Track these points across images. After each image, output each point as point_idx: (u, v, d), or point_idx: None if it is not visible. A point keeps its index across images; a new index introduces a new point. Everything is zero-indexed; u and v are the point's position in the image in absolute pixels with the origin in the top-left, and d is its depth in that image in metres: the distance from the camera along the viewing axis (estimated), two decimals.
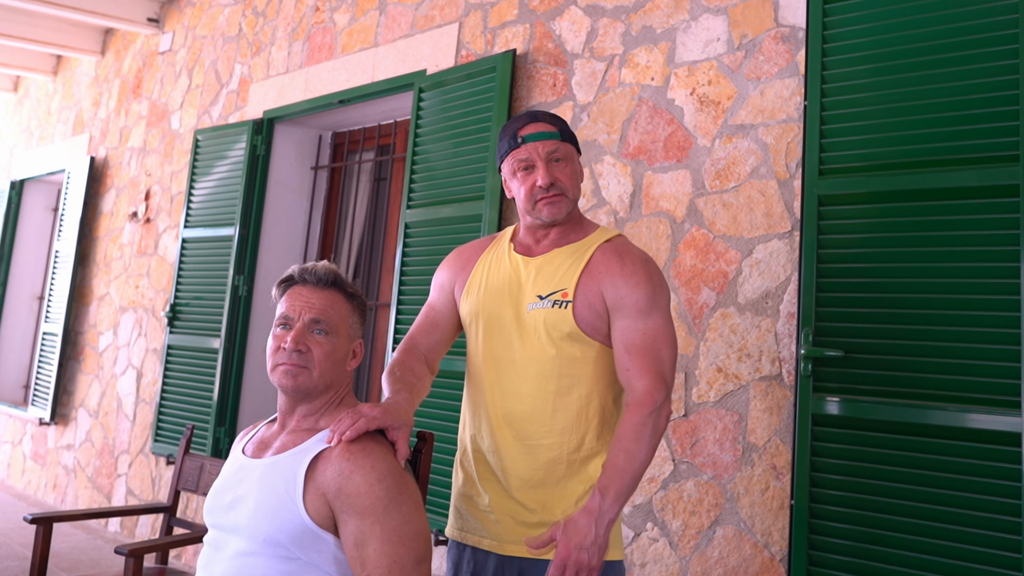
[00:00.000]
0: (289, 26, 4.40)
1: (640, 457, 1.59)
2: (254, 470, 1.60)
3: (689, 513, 2.44)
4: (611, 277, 1.71)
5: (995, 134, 1.98)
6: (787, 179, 2.39)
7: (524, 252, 1.82)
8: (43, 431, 5.83)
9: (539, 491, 1.71)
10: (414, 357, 1.85)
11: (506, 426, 1.74)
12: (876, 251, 2.12)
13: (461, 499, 1.82)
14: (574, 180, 1.79)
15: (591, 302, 1.71)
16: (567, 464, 1.71)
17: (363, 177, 4.32)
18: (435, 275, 1.97)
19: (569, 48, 3.00)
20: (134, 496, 4.77)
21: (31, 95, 7.16)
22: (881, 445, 2.04)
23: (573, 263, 1.75)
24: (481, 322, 1.81)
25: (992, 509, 1.87)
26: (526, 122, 1.78)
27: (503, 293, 1.78)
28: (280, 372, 1.60)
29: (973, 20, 2.04)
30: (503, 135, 1.81)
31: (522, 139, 1.75)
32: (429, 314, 1.93)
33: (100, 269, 5.53)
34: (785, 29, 2.45)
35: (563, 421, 1.71)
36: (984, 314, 1.95)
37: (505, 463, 1.74)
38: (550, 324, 1.71)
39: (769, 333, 2.36)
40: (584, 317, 1.70)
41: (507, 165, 1.80)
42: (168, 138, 5.14)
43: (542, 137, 1.75)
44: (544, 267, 1.77)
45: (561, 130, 1.78)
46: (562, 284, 1.73)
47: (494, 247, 1.89)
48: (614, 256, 1.74)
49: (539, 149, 1.74)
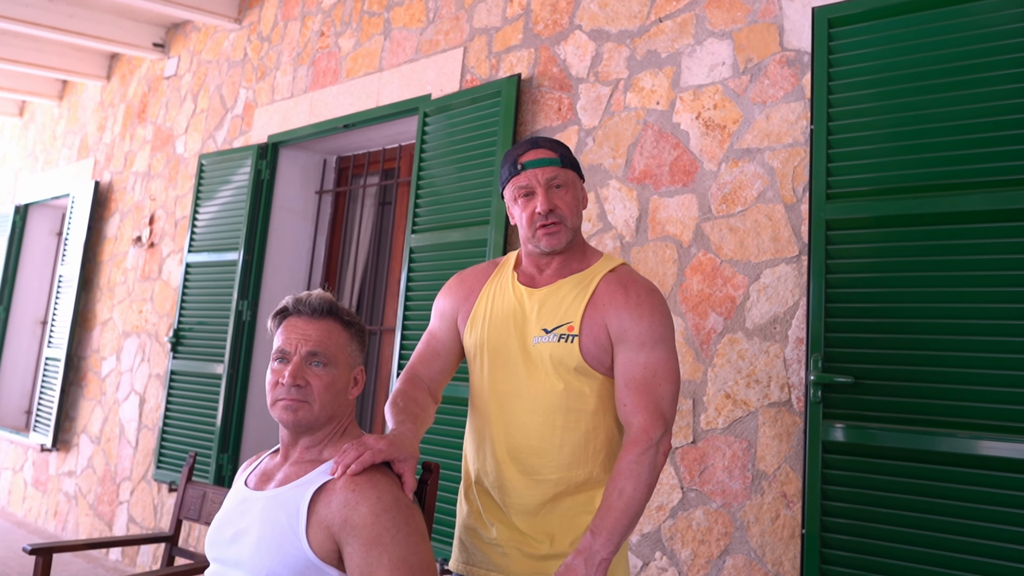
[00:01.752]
0: (294, 51, 4.41)
1: (634, 496, 1.57)
2: (256, 502, 1.57)
3: (699, 542, 2.40)
4: (615, 309, 1.69)
5: (1003, 158, 1.96)
6: (794, 203, 2.37)
7: (527, 282, 1.80)
8: (44, 457, 5.80)
9: (546, 523, 1.69)
10: (416, 387, 1.82)
11: (511, 461, 1.71)
12: (885, 276, 2.09)
13: (466, 532, 1.79)
14: (574, 208, 1.76)
15: (596, 335, 1.69)
16: (574, 496, 1.69)
17: (367, 201, 4.31)
18: (436, 302, 1.93)
19: (574, 72, 3.00)
20: (136, 524, 4.73)
21: (37, 120, 7.19)
22: (892, 473, 2.00)
23: (578, 295, 1.73)
24: (486, 355, 1.78)
25: (1006, 538, 1.83)
26: (527, 148, 1.77)
27: (508, 325, 1.76)
28: (280, 407, 1.57)
29: (979, 44, 2.03)
30: (505, 161, 1.80)
31: (522, 166, 1.74)
32: (431, 342, 1.90)
33: (103, 294, 5.52)
34: (790, 53, 2.44)
35: (570, 455, 1.68)
36: (995, 339, 1.92)
37: (511, 498, 1.71)
38: (556, 359, 1.68)
39: (778, 359, 2.33)
40: (590, 351, 1.68)
41: (508, 192, 1.79)
42: (173, 162, 5.15)
43: (542, 164, 1.74)
44: (548, 299, 1.74)
45: (562, 156, 1.76)
46: (567, 317, 1.71)
47: (497, 275, 1.86)
48: (618, 287, 1.72)
49: (539, 176, 1.73)
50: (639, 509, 1.58)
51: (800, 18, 2.43)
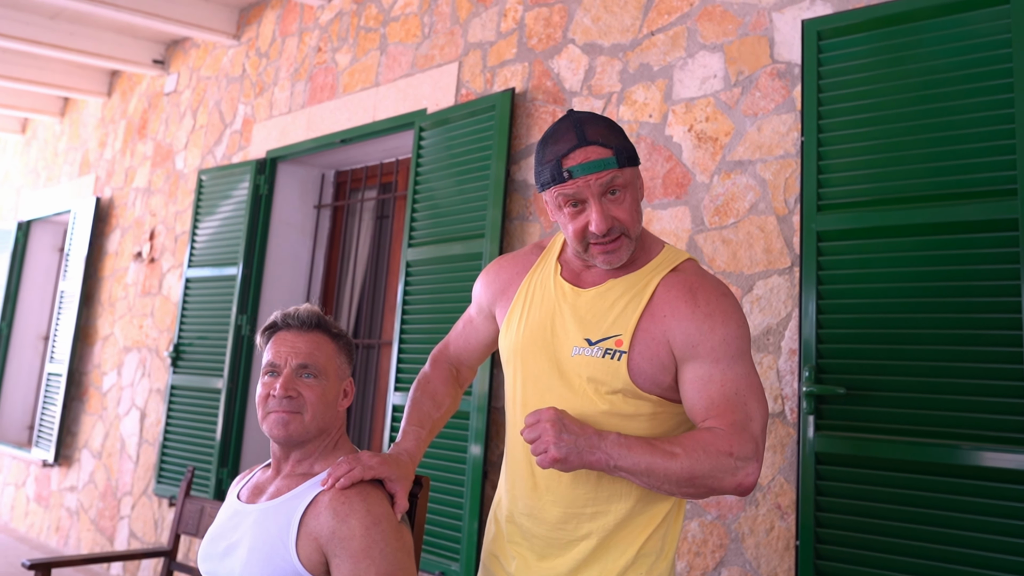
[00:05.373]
0: (291, 66, 4.44)
1: (673, 468, 1.31)
2: (248, 516, 1.58)
3: (694, 554, 2.40)
4: (679, 320, 1.42)
5: (992, 168, 1.97)
6: (786, 215, 2.38)
7: (572, 279, 1.55)
8: (46, 473, 5.81)
9: (574, 564, 1.49)
10: (439, 375, 1.76)
11: (544, 489, 1.51)
12: (876, 286, 2.10)
13: (489, 556, 1.64)
14: (635, 214, 1.44)
15: (653, 353, 1.43)
16: (615, 536, 1.47)
17: (366, 215, 4.33)
18: (475, 288, 1.74)
19: (568, 86, 3.02)
20: (137, 539, 4.73)
21: (39, 136, 7.24)
22: (886, 484, 2.00)
23: (631, 301, 1.46)
24: (519, 364, 1.56)
25: (1000, 549, 1.83)
26: (572, 146, 1.41)
27: (545, 331, 1.52)
28: (271, 421, 1.58)
29: (968, 55, 2.04)
30: (543, 159, 1.45)
31: (569, 172, 1.40)
32: (467, 328, 1.78)
33: (105, 309, 5.54)
34: (781, 65, 2.46)
35: (610, 488, 1.46)
36: (987, 349, 1.92)
37: (539, 529, 1.52)
38: (597, 378, 1.44)
39: (771, 370, 2.34)
40: (642, 370, 1.43)
41: (549, 195, 1.46)
42: (172, 178, 5.18)
43: (595, 169, 1.39)
44: (596, 303, 1.49)
45: (618, 151, 1.41)
46: (616, 329, 1.44)
47: (540, 266, 1.61)
48: (683, 293, 1.44)
49: (592, 185, 1.40)
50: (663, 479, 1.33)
51: (790, 31, 2.45)
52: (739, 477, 1.32)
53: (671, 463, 1.31)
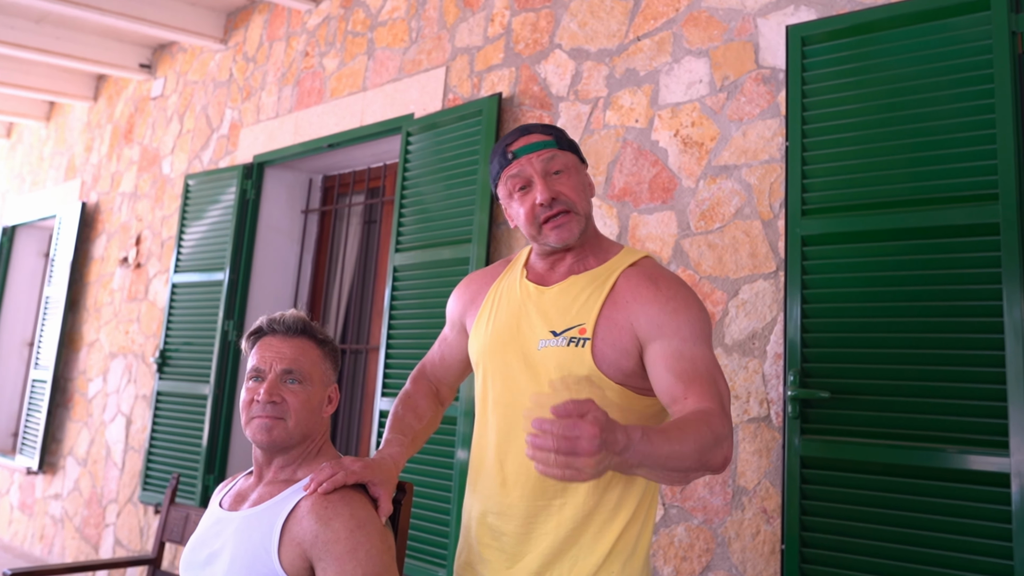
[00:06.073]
0: (279, 71, 4.43)
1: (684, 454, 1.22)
2: (230, 523, 1.57)
3: (680, 559, 2.40)
4: (642, 304, 1.46)
5: (974, 173, 1.99)
6: (771, 219, 2.39)
7: (537, 280, 1.61)
8: (31, 480, 5.76)
9: (544, 560, 1.49)
10: (421, 390, 1.77)
11: (513, 484, 1.52)
12: (860, 291, 2.11)
13: (464, 568, 1.63)
14: (581, 192, 1.54)
15: (616, 338, 1.46)
16: (583, 529, 1.48)
17: (353, 220, 4.32)
18: (447, 306, 1.81)
19: (554, 91, 3.02)
20: (122, 547, 4.69)
21: (24, 141, 7.19)
22: (871, 487, 2.01)
23: (594, 292, 1.51)
24: (488, 362, 1.60)
25: (982, 551, 1.84)
26: (517, 136, 1.56)
27: (512, 329, 1.57)
28: (255, 426, 1.57)
29: (949, 60, 2.06)
30: (494, 155, 1.59)
31: (513, 154, 1.54)
32: (442, 346, 1.81)
33: (90, 315, 5.50)
34: (766, 71, 2.47)
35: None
36: (968, 353, 1.93)
37: (509, 526, 1.53)
38: (564, 367, 1.46)
39: (757, 374, 2.34)
40: (605, 356, 1.46)
41: (502, 187, 1.58)
42: (159, 183, 5.15)
43: (535, 148, 1.53)
44: (559, 298, 1.54)
45: (558, 138, 1.56)
46: (580, 318, 1.49)
47: (507, 274, 1.68)
48: (645, 280, 1.50)
49: (533, 162, 1.53)
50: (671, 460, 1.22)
51: (775, 36, 2.46)
52: (725, 450, 1.30)
53: (684, 446, 1.23)
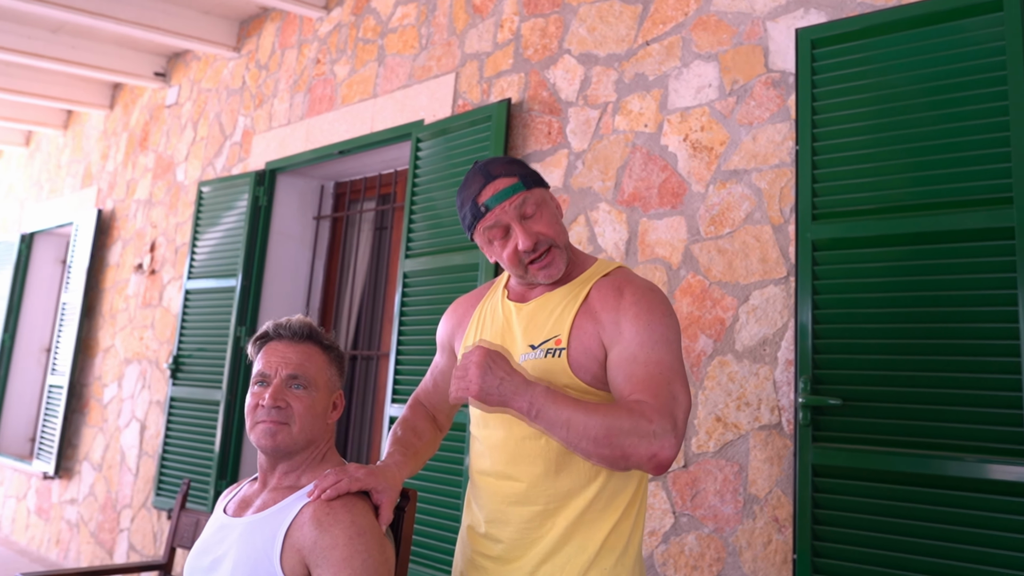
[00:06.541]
0: (291, 78, 4.45)
1: (592, 423, 1.33)
2: (234, 529, 1.56)
3: (691, 568, 2.37)
4: (607, 312, 1.51)
5: (988, 176, 1.95)
6: (781, 224, 2.36)
7: (517, 299, 1.66)
8: (47, 485, 5.80)
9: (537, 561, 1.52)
10: (419, 415, 1.79)
11: (503, 496, 1.56)
12: (872, 296, 2.08)
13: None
14: (556, 226, 1.58)
15: (588, 346, 1.51)
16: (576, 528, 1.51)
17: (365, 226, 4.32)
18: (437, 333, 1.84)
19: (563, 96, 3.01)
20: (136, 552, 4.71)
21: (42, 149, 7.26)
22: (883, 496, 1.98)
23: (568, 305, 1.56)
24: None
25: (997, 562, 1.80)
26: (482, 184, 1.57)
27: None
28: (259, 431, 1.57)
29: (961, 63, 2.03)
30: (462, 205, 1.60)
31: (485, 207, 1.55)
32: (434, 374, 1.84)
33: (106, 321, 5.54)
34: (775, 74, 2.45)
35: (568, 483, 1.51)
36: (984, 359, 1.90)
37: (505, 532, 1.56)
38: (544, 378, 1.49)
39: (768, 381, 2.32)
40: (580, 364, 1.50)
41: (479, 237, 1.61)
42: (173, 190, 5.18)
43: (506, 196, 1.54)
44: (536, 313, 1.59)
45: (522, 177, 1.57)
46: (555, 330, 1.54)
47: (489, 296, 1.74)
48: (612, 290, 1.54)
49: (507, 210, 1.54)
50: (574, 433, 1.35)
51: (784, 39, 2.43)
52: (655, 447, 1.32)
53: (591, 418, 1.34)
